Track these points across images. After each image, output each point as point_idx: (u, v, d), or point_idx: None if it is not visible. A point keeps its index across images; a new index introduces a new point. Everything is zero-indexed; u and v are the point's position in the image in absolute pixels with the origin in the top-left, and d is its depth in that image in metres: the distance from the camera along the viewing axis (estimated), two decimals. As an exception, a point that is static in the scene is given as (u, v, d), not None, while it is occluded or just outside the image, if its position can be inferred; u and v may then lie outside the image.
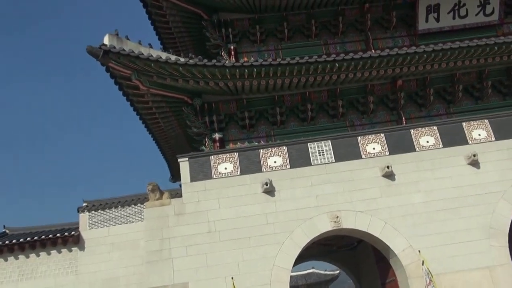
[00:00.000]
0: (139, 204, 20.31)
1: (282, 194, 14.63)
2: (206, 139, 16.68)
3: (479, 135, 15.83)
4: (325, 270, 53.98)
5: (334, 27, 19.32)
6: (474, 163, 15.26)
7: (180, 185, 23.12)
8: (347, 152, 15.37)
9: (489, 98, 18.05)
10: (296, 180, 14.83)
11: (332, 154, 15.33)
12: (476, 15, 19.33)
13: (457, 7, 19.10)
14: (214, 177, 14.88)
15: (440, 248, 14.10)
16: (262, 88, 16.23)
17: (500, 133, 15.81)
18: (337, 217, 14.46)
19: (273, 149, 15.27)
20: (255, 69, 15.19)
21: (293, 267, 14.13)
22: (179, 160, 15.34)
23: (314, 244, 15.79)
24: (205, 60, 14.73)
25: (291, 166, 15.06)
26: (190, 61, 14.55)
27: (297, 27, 19.31)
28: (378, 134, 15.74)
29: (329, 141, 15.52)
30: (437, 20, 19.23)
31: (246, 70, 14.81)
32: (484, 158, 15.35)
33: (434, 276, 13.51)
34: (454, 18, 19.28)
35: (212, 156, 15.16)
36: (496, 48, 16.00)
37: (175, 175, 24.99)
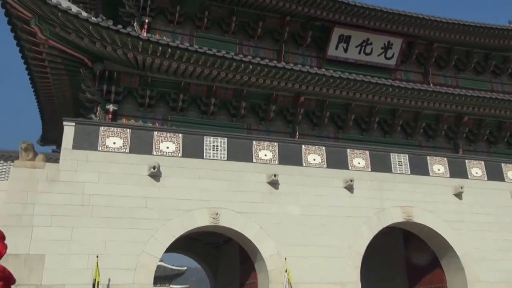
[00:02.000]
0: (1, 161, 18.43)
1: (167, 181, 14.30)
2: (99, 108, 15.68)
3: (359, 163, 17.17)
4: (173, 265, 53.69)
5: (252, 30, 19.56)
6: (350, 188, 16.50)
7: (53, 150, 21.48)
8: (240, 153, 15.59)
9: (373, 132, 19.69)
10: (185, 170, 14.62)
11: (226, 152, 15.41)
12: (378, 55, 21.02)
13: (364, 44, 20.59)
14: (100, 149, 14.01)
15: (304, 259, 14.94)
16: (171, 71, 15.78)
17: (375, 166, 17.30)
18: (217, 214, 14.54)
19: (168, 134, 14.88)
20: (169, 50, 14.70)
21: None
22: (64, 123, 14.16)
23: (183, 236, 15.68)
24: (119, 26, 13.87)
25: (183, 155, 14.82)
26: (103, 22, 13.58)
27: (217, 20, 19.18)
28: (272, 143, 16.22)
29: (226, 139, 15.59)
30: (346, 50, 20.52)
31: (160, 48, 14.27)
32: (358, 185, 16.67)
33: (293, 284, 14.26)
34: (359, 53, 20.74)
35: (102, 127, 14.28)
36: (389, 89, 17.53)
37: (47, 138, 23.11)
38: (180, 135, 15.03)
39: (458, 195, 17.90)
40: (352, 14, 19.10)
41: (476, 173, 18.75)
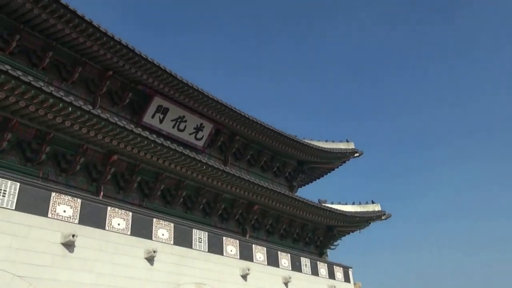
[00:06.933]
0: None
1: None
2: None
3: (163, 234, 16.25)
4: None
5: (67, 72, 17.49)
6: (151, 259, 15.35)
7: None
8: (34, 204, 12.99)
9: (176, 206, 19.15)
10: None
11: (16, 200, 12.65)
12: (190, 134, 21.35)
13: (180, 120, 20.70)
14: None
15: None
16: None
17: (178, 239, 16.66)
18: (-9, 275, 11.38)
19: None
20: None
21: None
22: None
23: None
24: None
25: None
26: None
27: (26, 49, 16.58)
28: (75, 198, 14.11)
29: (18, 184, 12.91)
30: (161, 121, 20.18)
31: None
32: (159, 258, 15.60)
33: None
34: (174, 127, 20.66)
35: None
36: (203, 166, 17.58)
37: None
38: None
39: (244, 277, 18.56)
40: (172, 85, 18.96)
41: (260, 257, 19.91)
